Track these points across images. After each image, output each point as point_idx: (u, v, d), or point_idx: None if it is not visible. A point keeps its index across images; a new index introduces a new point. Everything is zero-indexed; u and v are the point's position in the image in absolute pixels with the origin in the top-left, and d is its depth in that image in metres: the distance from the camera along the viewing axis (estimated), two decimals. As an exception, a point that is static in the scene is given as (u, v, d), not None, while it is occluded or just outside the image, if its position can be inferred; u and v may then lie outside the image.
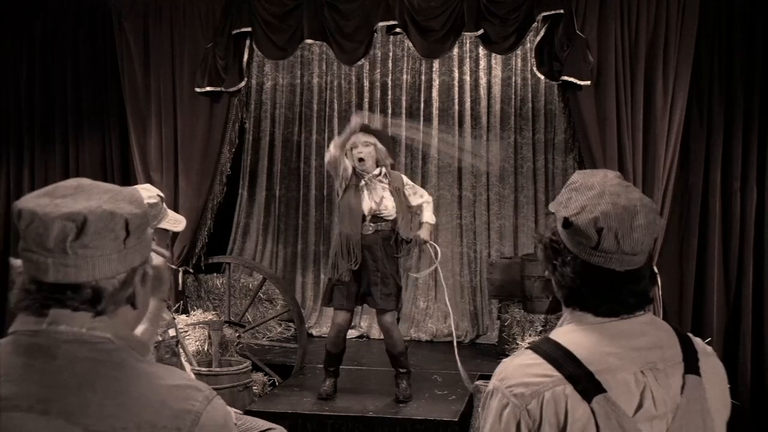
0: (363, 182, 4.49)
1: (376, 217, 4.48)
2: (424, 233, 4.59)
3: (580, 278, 1.46)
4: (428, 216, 4.64)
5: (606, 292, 1.45)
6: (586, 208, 1.44)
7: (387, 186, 4.54)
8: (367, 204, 4.46)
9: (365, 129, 4.67)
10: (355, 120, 4.52)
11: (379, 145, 4.55)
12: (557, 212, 1.49)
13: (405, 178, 4.71)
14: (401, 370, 4.64)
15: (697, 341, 1.55)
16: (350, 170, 4.51)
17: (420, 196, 4.68)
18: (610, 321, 1.47)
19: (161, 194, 2.74)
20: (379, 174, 4.53)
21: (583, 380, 1.39)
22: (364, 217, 4.46)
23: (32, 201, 1.20)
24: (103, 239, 1.20)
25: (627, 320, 1.47)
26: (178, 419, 1.17)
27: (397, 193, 4.55)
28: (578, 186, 1.49)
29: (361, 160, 4.46)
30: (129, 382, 1.18)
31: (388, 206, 4.51)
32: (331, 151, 4.45)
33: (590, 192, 1.46)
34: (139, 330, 1.41)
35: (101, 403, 1.15)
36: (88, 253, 1.18)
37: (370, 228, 4.47)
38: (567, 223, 1.44)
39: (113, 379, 1.17)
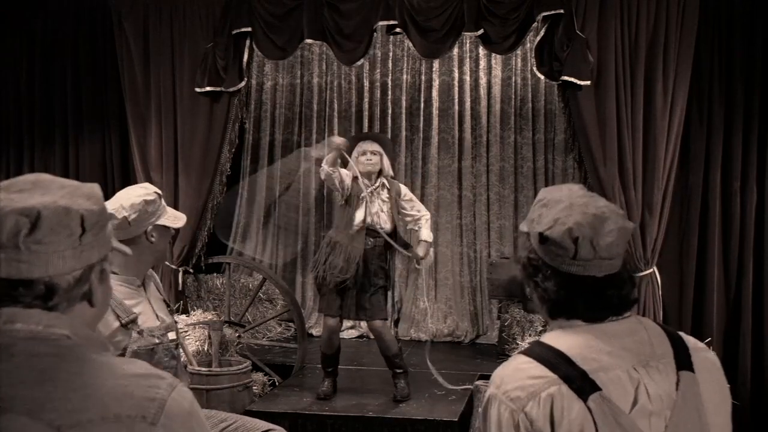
0: (363, 194, 4.48)
1: (371, 230, 4.49)
2: (421, 251, 4.58)
3: (564, 289, 1.50)
4: (425, 234, 4.62)
5: (591, 299, 1.50)
6: (558, 221, 1.50)
7: (387, 198, 4.55)
8: (365, 217, 4.47)
9: (374, 138, 4.69)
10: (335, 140, 4.47)
11: (385, 157, 4.58)
12: (531, 230, 1.55)
13: (404, 189, 4.69)
14: (398, 371, 4.65)
15: (687, 338, 1.57)
16: (349, 181, 4.49)
17: (417, 211, 4.66)
18: (599, 324, 1.49)
19: (159, 192, 2.73)
20: (380, 185, 4.54)
21: (578, 379, 1.41)
22: (360, 229, 4.47)
23: None
24: (58, 235, 1.18)
25: (615, 321, 1.50)
26: (143, 408, 1.15)
27: (394, 203, 4.56)
28: (546, 202, 1.56)
29: (369, 164, 4.48)
30: (91, 375, 1.16)
31: (386, 219, 4.52)
32: (325, 168, 4.40)
33: (559, 205, 1.53)
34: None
35: (64, 397, 1.12)
36: (42, 249, 1.16)
37: (369, 243, 4.49)
38: (543, 238, 1.50)
39: (75, 373, 1.15)
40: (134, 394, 1.16)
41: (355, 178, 4.51)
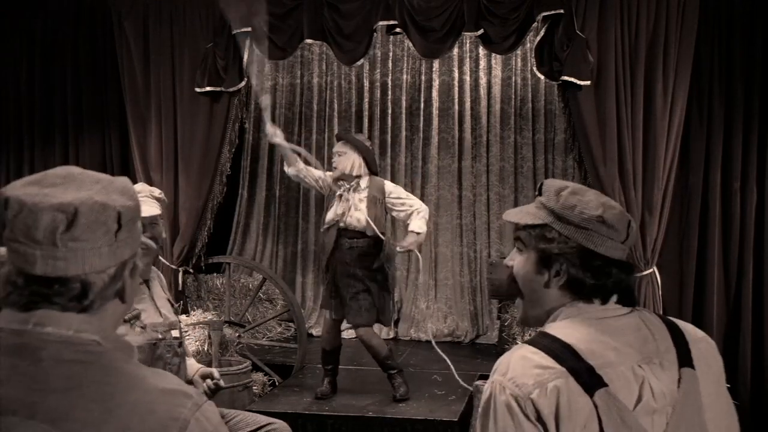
0: (338, 193, 4.44)
1: (348, 231, 4.39)
2: (407, 242, 4.39)
3: (617, 269, 1.51)
4: (415, 225, 4.39)
5: (622, 282, 1.52)
6: (606, 205, 1.51)
7: (364, 197, 4.41)
8: (337, 217, 4.40)
9: (341, 137, 4.58)
10: (269, 131, 4.45)
11: (353, 154, 4.41)
12: (576, 215, 1.50)
13: (390, 187, 4.51)
14: (391, 372, 4.64)
15: (686, 328, 1.57)
16: (325, 176, 4.47)
17: (410, 206, 4.46)
18: (605, 317, 1.49)
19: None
20: (356, 185, 4.43)
21: (585, 374, 1.40)
22: (338, 230, 4.41)
23: (20, 189, 1.15)
24: (95, 232, 1.15)
25: (621, 316, 1.51)
26: (165, 427, 1.12)
27: (373, 201, 4.41)
28: (574, 190, 1.55)
29: (334, 169, 4.44)
30: (117, 387, 1.13)
31: (360, 218, 4.37)
32: (286, 171, 4.47)
33: (589, 193, 1.54)
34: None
35: (88, 408, 1.10)
36: (79, 246, 1.14)
37: (346, 244, 4.40)
38: (602, 221, 1.49)
39: (101, 383, 1.12)
40: (158, 411, 1.13)
41: (338, 178, 4.48)
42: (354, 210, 4.40)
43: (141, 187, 2.80)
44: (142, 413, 1.12)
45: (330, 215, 4.44)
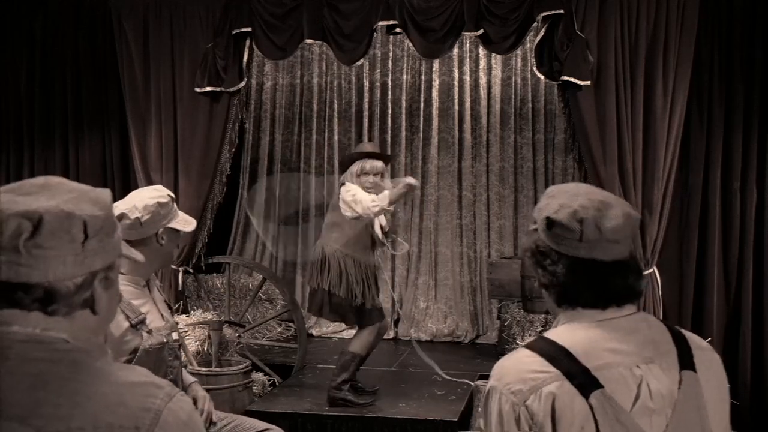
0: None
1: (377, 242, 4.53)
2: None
3: (571, 273, 1.51)
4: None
5: (596, 284, 1.50)
6: (564, 205, 1.52)
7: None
8: (375, 232, 4.50)
9: (380, 157, 4.55)
10: (410, 181, 4.37)
11: (386, 176, 4.53)
12: (538, 217, 1.56)
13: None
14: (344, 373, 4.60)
15: (691, 336, 1.57)
16: None
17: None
18: (604, 320, 1.50)
19: (172, 195, 2.74)
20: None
21: (580, 376, 1.41)
22: (373, 243, 4.51)
23: None
24: (59, 240, 1.16)
25: (621, 318, 1.51)
26: (137, 418, 1.13)
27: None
28: (554, 193, 1.59)
29: (368, 188, 4.43)
30: (85, 381, 1.13)
31: (378, 232, 4.52)
32: (384, 207, 4.33)
33: (566, 194, 1.56)
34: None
35: (56, 403, 1.11)
36: (42, 254, 1.15)
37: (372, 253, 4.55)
38: (549, 222, 1.51)
39: (68, 379, 1.13)
40: (129, 403, 1.13)
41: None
42: (380, 223, 4.52)
43: (157, 191, 2.74)
44: (112, 406, 1.12)
45: (378, 231, 4.48)
